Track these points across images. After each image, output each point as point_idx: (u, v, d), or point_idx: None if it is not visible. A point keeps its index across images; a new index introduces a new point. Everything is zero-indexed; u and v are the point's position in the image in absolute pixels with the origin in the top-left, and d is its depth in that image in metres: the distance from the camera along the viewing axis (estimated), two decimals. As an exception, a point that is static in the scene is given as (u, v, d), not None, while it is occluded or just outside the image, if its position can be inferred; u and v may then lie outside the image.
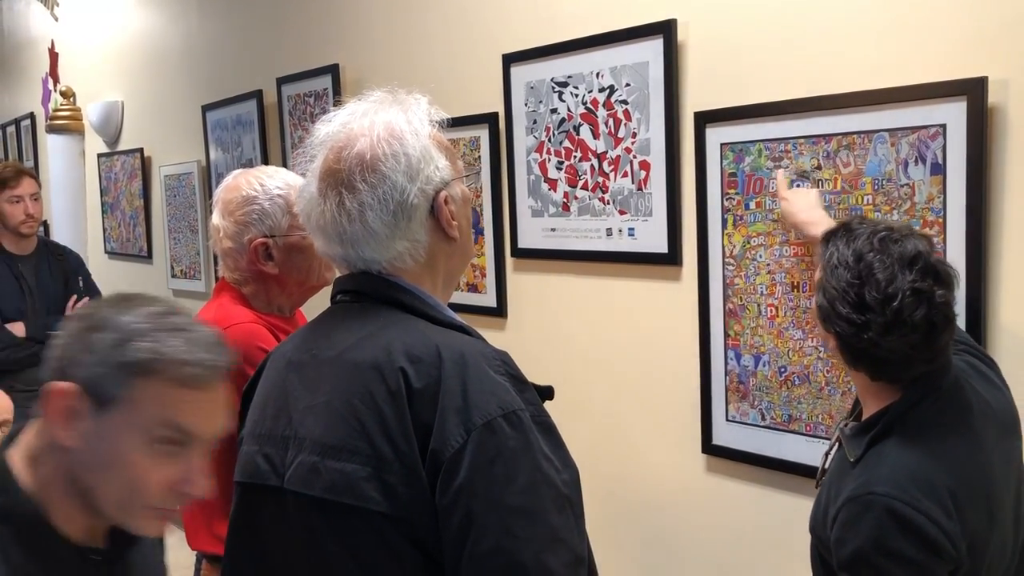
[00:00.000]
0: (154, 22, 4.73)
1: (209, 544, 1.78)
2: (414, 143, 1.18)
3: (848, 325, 1.31)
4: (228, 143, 4.09)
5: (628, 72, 2.27)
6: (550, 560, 1.02)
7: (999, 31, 1.66)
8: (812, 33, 1.93)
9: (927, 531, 1.25)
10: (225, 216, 1.79)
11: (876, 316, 1.29)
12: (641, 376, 2.37)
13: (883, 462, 1.33)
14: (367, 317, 1.18)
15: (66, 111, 5.51)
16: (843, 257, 1.34)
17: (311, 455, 1.12)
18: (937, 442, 1.33)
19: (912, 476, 1.29)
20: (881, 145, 1.81)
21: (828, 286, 1.35)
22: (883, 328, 1.29)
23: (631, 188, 2.30)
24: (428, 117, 1.24)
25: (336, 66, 3.31)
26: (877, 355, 1.32)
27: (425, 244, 1.20)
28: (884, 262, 1.30)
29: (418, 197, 1.17)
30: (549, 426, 1.12)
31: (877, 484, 1.29)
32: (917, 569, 1.26)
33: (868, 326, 1.29)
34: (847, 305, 1.31)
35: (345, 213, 1.16)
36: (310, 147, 1.24)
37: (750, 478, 2.13)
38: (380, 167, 1.16)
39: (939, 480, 1.28)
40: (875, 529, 1.27)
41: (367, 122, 1.20)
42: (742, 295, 2.09)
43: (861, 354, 1.34)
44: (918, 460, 1.31)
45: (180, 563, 1.97)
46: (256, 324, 1.75)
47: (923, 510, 1.26)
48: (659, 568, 2.38)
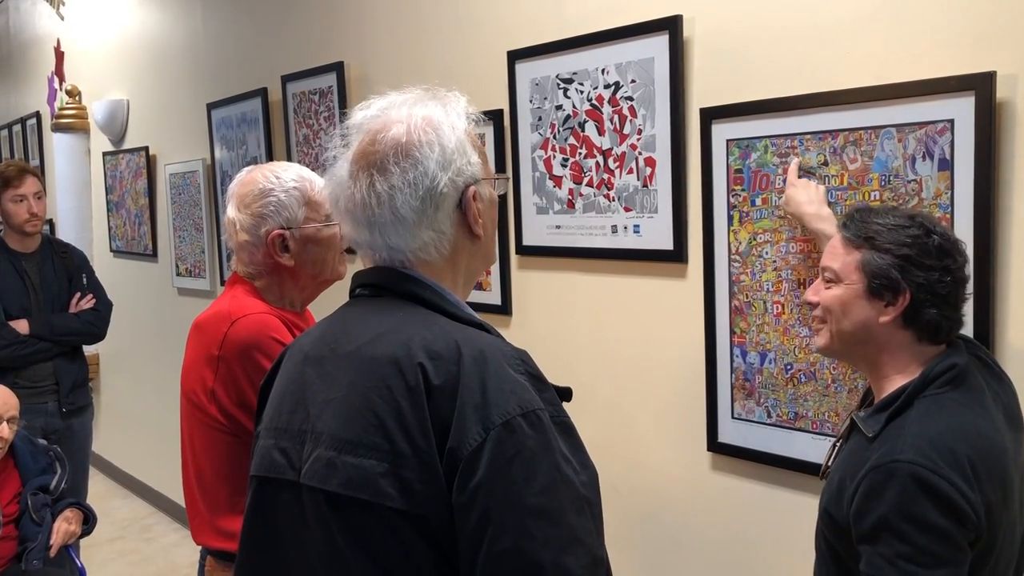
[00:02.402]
0: (159, 21, 4.74)
1: (213, 539, 1.78)
2: (450, 135, 1.19)
3: (930, 272, 1.39)
4: (233, 141, 4.09)
5: (634, 68, 2.27)
6: (568, 561, 1.01)
7: (1008, 26, 1.65)
8: (818, 28, 1.92)
9: (952, 497, 1.27)
10: (241, 209, 1.80)
11: (956, 258, 1.41)
12: (646, 374, 2.36)
13: (905, 432, 1.35)
14: (387, 312, 1.17)
15: (72, 110, 5.53)
16: (894, 221, 1.42)
17: (328, 450, 1.11)
18: (955, 415, 1.36)
19: (934, 444, 1.31)
20: (888, 141, 1.80)
21: (894, 245, 1.41)
22: (963, 268, 1.42)
23: (636, 185, 2.29)
24: (466, 115, 1.24)
25: (341, 64, 3.31)
26: (952, 299, 1.41)
27: (450, 237, 1.19)
28: (929, 219, 1.44)
29: (448, 187, 1.17)
30: (568, 427, 1.11)
31: (901, 452, 1.31)
32: (941, 535, 1.27)
33: (949, 270, 1.40)
34: (926, 254, 1.39)
35: (375, 195, 1.16)
36: (346, 131, 1.24)
37: (756, 476, 2.12)
38: (414, 152, 1.16)
39: (960, 449, 1.31)
40: (900, 495, 1.28)
41: (405, 111, 1.21)
42: (748, 292, 2.08)
43: (938, 301, 1.40)
44: (938, 430, 1.33)
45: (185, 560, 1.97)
46: (269, 315, 1.76)
47: (946, 476, 1.28)
48: (664, 565, 2.37)
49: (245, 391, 1.70)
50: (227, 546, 1.73)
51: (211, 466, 1.77)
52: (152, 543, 4.64)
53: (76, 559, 2.99)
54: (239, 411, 1.71)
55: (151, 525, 4.89)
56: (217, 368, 1.73)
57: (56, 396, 3.60)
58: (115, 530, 4.78)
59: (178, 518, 4.75)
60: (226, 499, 1.75)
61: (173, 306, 4.78)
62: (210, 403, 1.74)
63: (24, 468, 2.87)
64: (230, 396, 1.72)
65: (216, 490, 1.76)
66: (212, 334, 1.75)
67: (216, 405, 1.73)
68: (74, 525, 2.87)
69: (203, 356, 1.76)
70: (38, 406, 3.50)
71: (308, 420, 1.16)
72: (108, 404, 5.76)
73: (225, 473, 1.75)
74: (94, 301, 3.71)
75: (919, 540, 1.27)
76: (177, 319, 4.55)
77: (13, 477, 2.85)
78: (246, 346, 1.70)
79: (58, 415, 3.60)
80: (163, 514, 4.99)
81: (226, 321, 1.74)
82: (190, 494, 1.84)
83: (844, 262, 1.45)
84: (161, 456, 4.79)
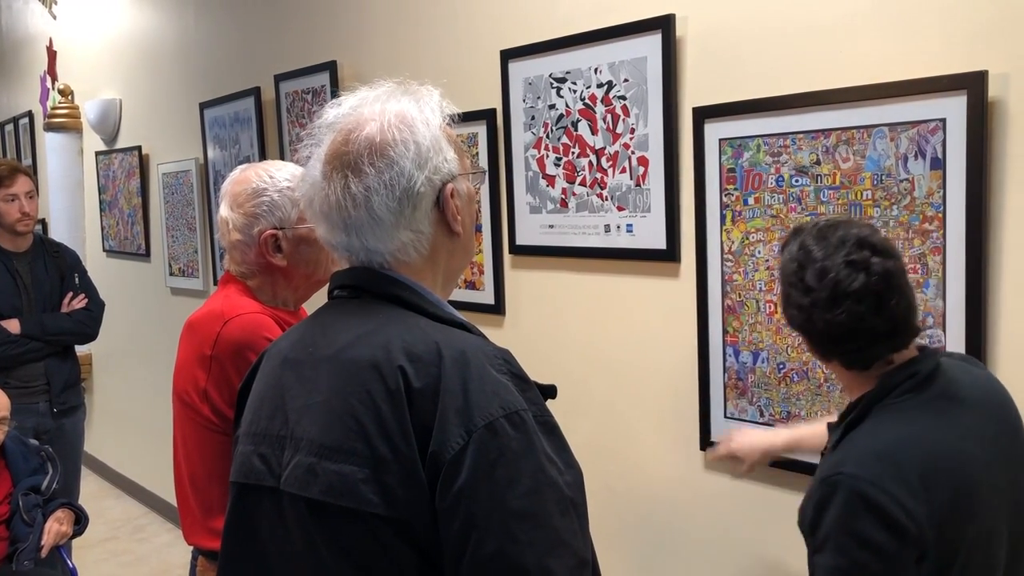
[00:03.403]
0: (152, 20, 4.72)
1: (205, 539, 1.77)
2: (424, 132, 1.17)
3: (798, 310, 1.37)
4: (226, 140, 4.08)
5: (626, 67, 2.26)
6: (553, 564, 1.00)
7: (999, 25, 1.65)
8: (811, 27, 1.92)
9: (890, 512, 1.23)
10: (234, 208, 1.79)
11: (819, 292, 1.33)
12: (639, 373, 2.36)
13: (853, 445, 1.33)
14: (366, 314, 1.15)
15: (64, 109, 5.50)
16: (791, 252, 1.40)
17: (308, 456, 1.09)
18: (908, 425, 1.32)
19: (878, 457, 1.28)
20: (880, 140, 1.80)
21: (782, 280, 1.41)
22: (827, 303, 1.33)
23: (629, 184, 2.29)
24: (440, 109, 1.22)
25: (334, 63, 3.30)
26: (833, 334, 1.35)
27: (429, 236, 1.18)
28: (821, 245, 1.36)
29: (425, 186, 1.15)
30: (552, 427, 1.09)
31: (844, 465, 1.29)
32: (878, 552, 1.24)
33: (815, 304, 1.34)
34: (795, 290, 1.37)
35: (350, 197, 1.13)
36: (317, 129, 1.21)
37: (749, 475, 2.12)
38: (389, 152, 1.14)
39: (906, 461, 1.27)
40: (841, 509, 1.27)
41: (378, 107, 1.19)
42: (740, 291, 2.08)
43: (822, 338, 1.37)
44: (885, 442, 1.30)
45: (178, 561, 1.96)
46: (262, 315, 1.75)
47: (888, 490, 1.24)
48: (657, 565, 2.37)
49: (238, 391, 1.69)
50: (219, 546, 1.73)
51: (203, 466, 1.76)
52: (145, 543, 4.63)
53: (68, 560, 2.98)
54: (232, 411, 1.70)
55: (144, 525, 4.88)
56: (210, 368, 1.72)
57: (48, 396, 3.58)
58: (108, 530, 4.76)
59: (171, 518, 4.73)
60: (218, 499, 1.74)
61: (166, 306, 4.77)
62: (203, 403, 1.73)
63: (15, 468, 2.86)
64: (223, 396, 1.71)
65: (208, 490, 1.76)
66: (205, 334, 1.74)
67: (208, 405, 1.72)
68: (65, 526, 2.86)
69: (195, 356, 1.75)
70: (29, 406, 3.48)
71: (287, 425, 1.14)
72: (100, 404, 5.74)
73: (218, 473, 1.74)
74: (86, 301, 3.69)
75: (857, 555, 1.25)
76: (170, 319, 4.54)
77: (4, 477, 2.83)
78: (239, 346, 1.70)
79: (50, 415, 3.58)
80: (156, 514, 4.97)
81: (219, 320, 1.73)
82: (182, 494, 1.83)
83: None
84: (154, 456, 4.78)
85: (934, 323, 1.76)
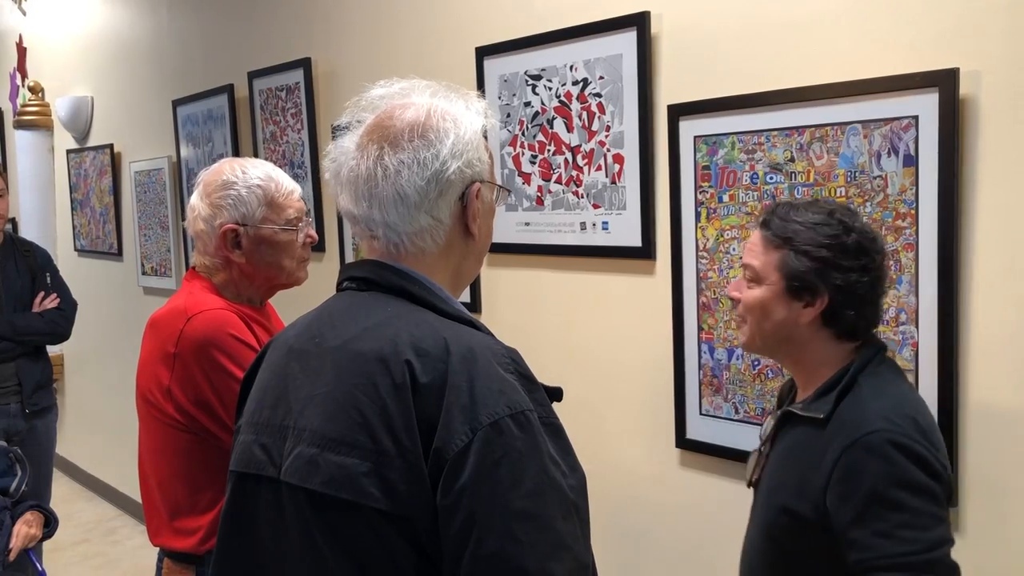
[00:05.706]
0: (124, 16, 4.67)
1: (171, 540, 1.75)
2: (467, 128, 1.18)
3: (848, 272, 1.40)
4: (199, 138, 4.04)
5: (602, 65, 2.26)
6: (554, 567, 1.00)
7: (971, 23, 1.66)
8: (785, 26, 1.92)
9: (928, 459, 1.31)
10: (203, 197, 1.78)
11: (874, 256, 1.41)
12: (615, 370, 2.36)
13: (865, 407, 1.37)
14: (374, 306, 1.15)
15: (34, 106, 5.43)
16: (813, 219, 1.42)
17: (310, 447, 1.08)
18: (898, 387, 1.42)
19: (897, 413, 1.34)
20: (854, 137, 1.81)
21: (812, 246, 1.41)
22: (880, 266, 1.42)
23: (605, 182, 2.29)
24: (484, 117, 1.23)
25: (308, 60, 3.28)
26: (871, 298, 1.42)
27: (446, 228, 1.18)
28: (846, 214, 1.44)
29: (456, 175, 1.16)
30: (557, 429, 1.09)
31: (871, 424, 1.33)
32: (931, 495, 1.30)
33: (867, 269, 1.40)
34: (843, 254, 1.40)
35: (381, 168, 1.14)
36: (363, 102, 1.22)
37: (724, 472, 2.13)
38: (430, 134, 1.15)
39: (919, 416, 1.36)
40: (885, 465, 1.30)
41: (427, 97, 1.20)
42: (716, 288, 2.08)
43: (855, 301, 1.41)
44: (894, 401, 1.37)
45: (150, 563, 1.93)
46: (227, 311, 1.73)
47: (919, 440, 1.32)
48: (633, 562, 2.37)
49: (202, 389, 1.67)
50: (185, 546, 1.71)
51: (168, 465, 1.74)
52: (117, 546, 4.58)
53: (38, 564, 2.93)
54: (196, 409, 1.68)
55: (116, 528, 4.82)
56: (173, 366, 1.70)
57: (19, 397, 3.53)
58: (79, 533, 4.71)
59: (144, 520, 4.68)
60: (185, 498, 1.72)
61: (139, 305, 4.72)
62: (166, 401, 1.71)
63: (-17, 471, 2.82)
64: (187, 394, 1.68)
65: (174, 489, 1.73)
66: (168, 331, 1.72)
67: (172, 403, 1.70)
68: (35, 528, 2.82)
69: (158, 353, 1.73)
70: (0, 407, 3.44)
71: (290, 415, 1.13)
72: (73, 405, 5.67)
73: (183, 472, 1.72)
74: (58, 300, 3.65)
75: (914, 503, 1.28)
76: (143, 319, 4.45)
77: (-28, 480, 2.79)
78: (203, 343, 1.67)
79: (21, 416, 3.53)
80: (128, 516, 4.92)
81: (182, 317, 1.71)
82: (147, 494, 1.81)
83: (763, 261, 1.46)
84: (127, 458, 4.71)
85: (907, 319, 1.77)
